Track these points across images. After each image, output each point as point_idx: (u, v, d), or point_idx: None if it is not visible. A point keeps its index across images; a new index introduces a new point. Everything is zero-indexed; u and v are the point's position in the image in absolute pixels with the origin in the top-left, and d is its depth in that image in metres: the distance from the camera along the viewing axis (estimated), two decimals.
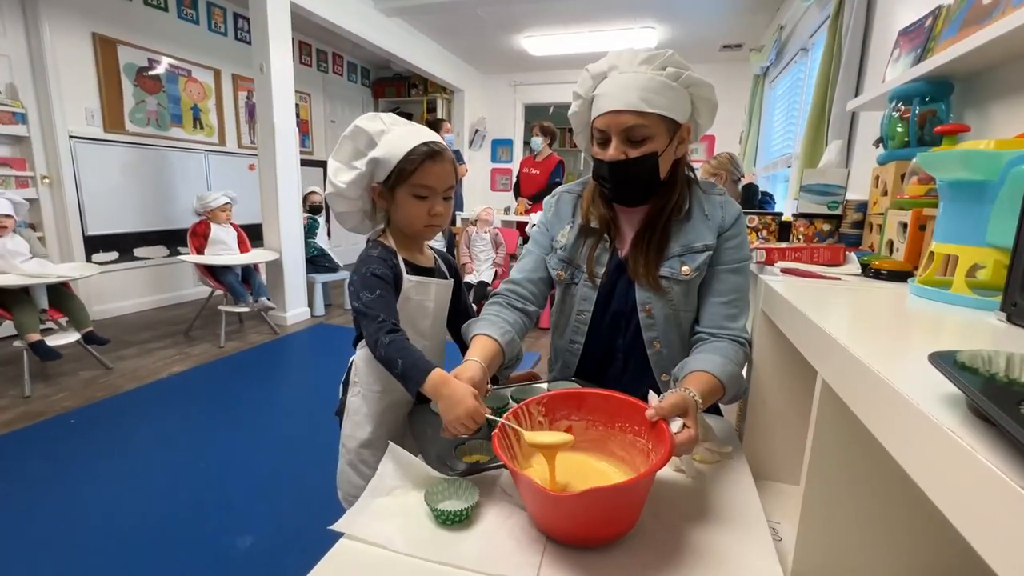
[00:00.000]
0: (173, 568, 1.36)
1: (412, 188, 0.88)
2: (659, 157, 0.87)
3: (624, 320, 0.98)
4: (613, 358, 1.01)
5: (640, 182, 0.89)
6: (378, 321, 0.81)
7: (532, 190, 4.35)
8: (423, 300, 0.94)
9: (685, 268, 0.91)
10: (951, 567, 0.51)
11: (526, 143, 6.00)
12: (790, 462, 0.83)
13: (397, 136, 0.88)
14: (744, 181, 2.83)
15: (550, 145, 4.27)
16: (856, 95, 2.08)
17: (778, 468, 0.84)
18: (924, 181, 1.00)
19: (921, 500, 0.31)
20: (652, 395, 0.76)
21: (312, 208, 4.19)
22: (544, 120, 4.37)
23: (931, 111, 1.15)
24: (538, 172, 4.33)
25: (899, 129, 1.22)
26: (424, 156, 0.87)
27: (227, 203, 3.41)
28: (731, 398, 0.84)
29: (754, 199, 2.78)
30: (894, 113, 1.23)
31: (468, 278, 3.89)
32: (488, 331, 0.89)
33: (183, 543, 1.46)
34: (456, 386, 0.73)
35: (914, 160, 1.04)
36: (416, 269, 0.95)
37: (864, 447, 0.49)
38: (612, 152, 0.86)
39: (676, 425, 0.66)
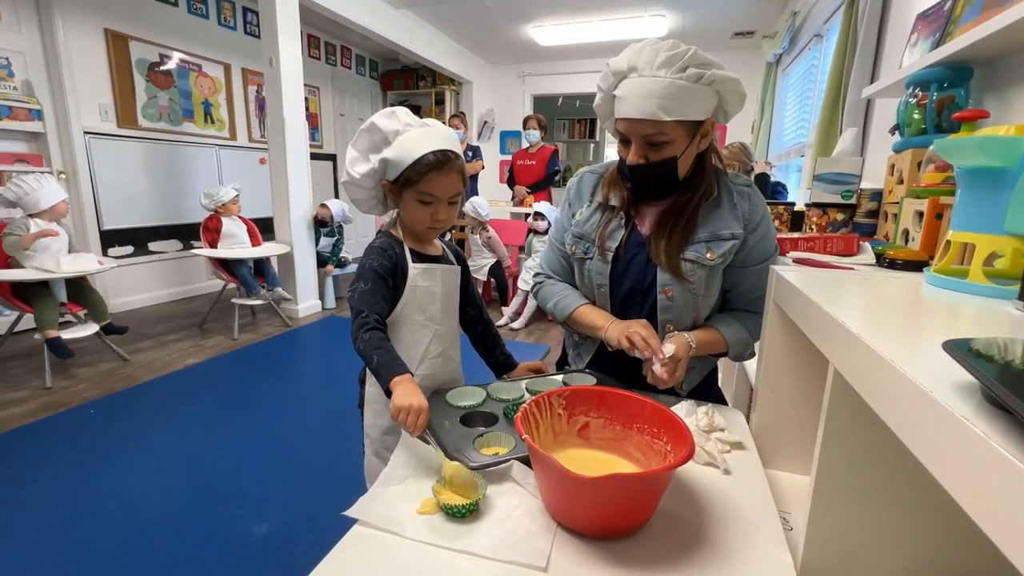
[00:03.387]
0: (190, 554, 1.39)
1: (417, 194, 0.90)
2: (678, 159, 0.88)
3: (640, 296, 1.00)
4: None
5: (659, 183, 0.92)
6: (361, 316, 0.86)
7: (531, 179, 4.50)
8: (430, 286, 0.96)
9: (710, 254, 0.92)
10: (964, 556, 0.50)
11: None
12: (801, 452, 0.83)
13: (409, 139, 0.88)
14: (756, 171, 2.79)
15: (542, 137, 4.41)
16: (872, 81, 2.04)
17: (789, 458, 0.84)
18: (941, 169, 0.99)
19: (933, 489, 0.31)
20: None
21: (318, 221, 3.98)
22: (538, 113, 4.50)
23: (949, 97, 1.13)
24: (534, 163, 4.47)
25: (916, 116, 1.19)
26: (430, 166, 0.87)
27: (236, 195, 3.44)
28: (735, 357, 0.99)
29: (766, 189, 2.75)
30: (911, 99, 1.20)
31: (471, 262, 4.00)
32: (583, 301, 1.05)
33: (200, 529, 1.49)
34: (418, 390, 0.76)
35: (931, 147, 1.02)
36: (423, 258, 0.97)
37: (876, 436, 0.49)
38: (632, 156, 0.89)
39: (668, 348, 0.88)
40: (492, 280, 4.10)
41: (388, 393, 0.78)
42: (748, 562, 0.56)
